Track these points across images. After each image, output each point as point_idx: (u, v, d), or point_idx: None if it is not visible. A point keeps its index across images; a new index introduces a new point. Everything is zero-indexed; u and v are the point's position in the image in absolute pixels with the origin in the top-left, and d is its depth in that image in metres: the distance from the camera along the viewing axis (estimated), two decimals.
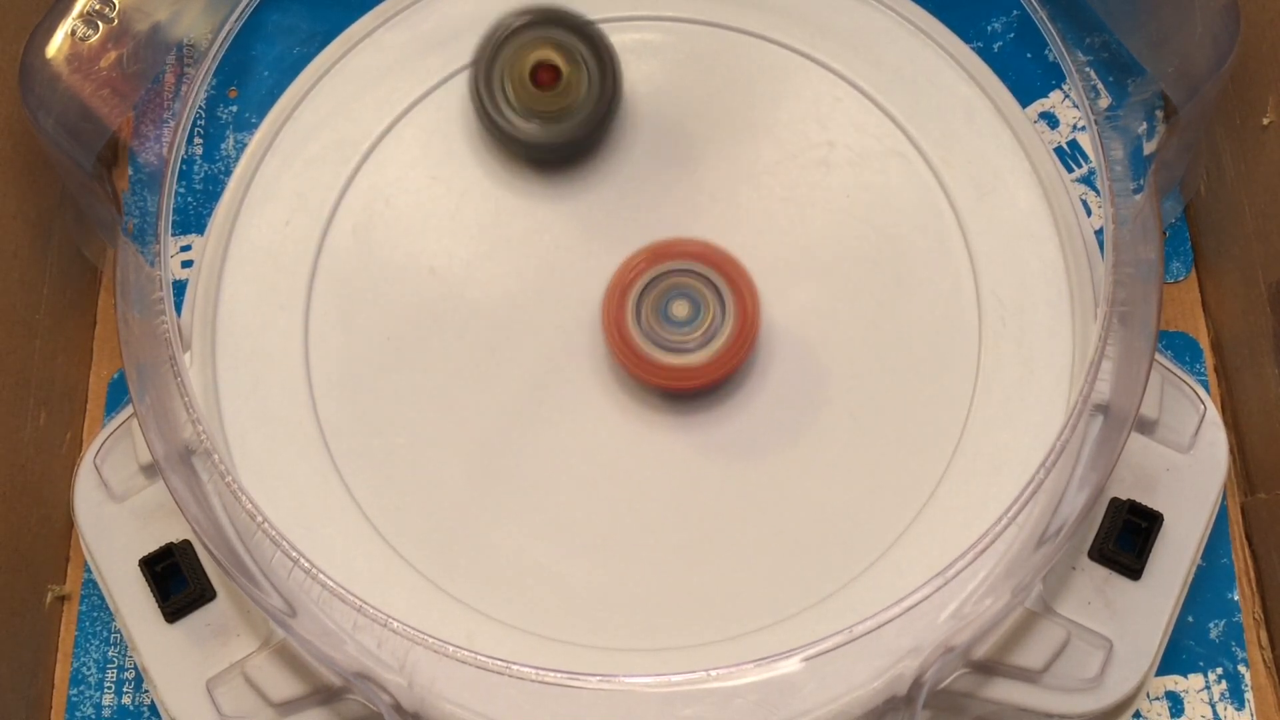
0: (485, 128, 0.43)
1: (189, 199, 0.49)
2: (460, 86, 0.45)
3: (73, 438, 0.47)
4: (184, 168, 0.49)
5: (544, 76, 0.41)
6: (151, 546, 0.40)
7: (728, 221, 0.43)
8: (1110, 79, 0.49)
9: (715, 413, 0.41)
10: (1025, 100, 0.47)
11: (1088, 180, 0.48)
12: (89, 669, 0.44)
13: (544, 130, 0.42)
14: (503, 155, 0.43)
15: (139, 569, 0.40)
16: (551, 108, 0.42)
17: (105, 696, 0.44)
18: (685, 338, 0.40)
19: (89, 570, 0.45)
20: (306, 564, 0.36)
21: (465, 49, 0.45)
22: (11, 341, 0.44)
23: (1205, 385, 0.46)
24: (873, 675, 0.37)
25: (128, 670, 0.44)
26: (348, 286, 0.43)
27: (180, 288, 0.45)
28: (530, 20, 0.42)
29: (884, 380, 0.41)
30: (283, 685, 0.38)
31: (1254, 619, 0.44)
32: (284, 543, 0.36)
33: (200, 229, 0.48)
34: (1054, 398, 0.41)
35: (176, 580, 0.40)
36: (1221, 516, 0.45)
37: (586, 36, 0.42)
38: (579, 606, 0.39)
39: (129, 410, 0.41)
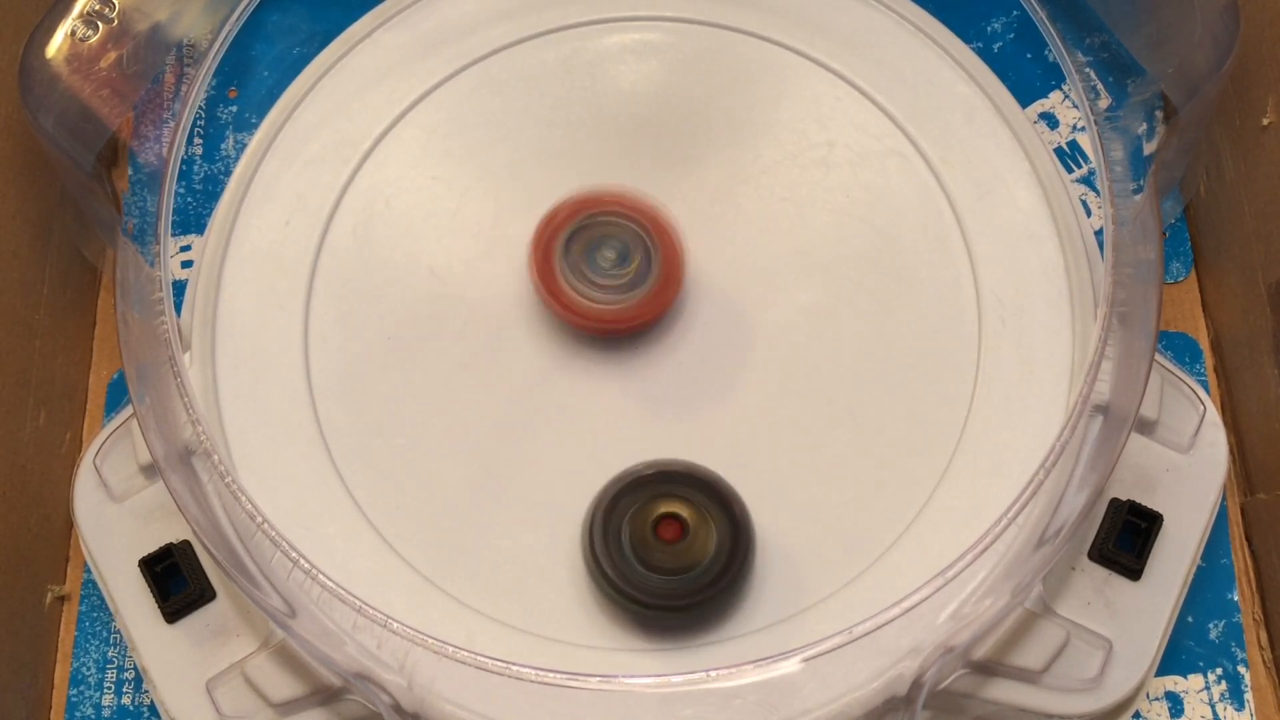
0: (596, 582, 0.39)
1: (189, 199, 0.49)
2: (460, 86, 0.45)
3: (73, 438, 0.47)
4: (184, 168, 0.49)
5: (668, 530, 0.38)
6: (151, 547, 0.40)
7: (728, 221, 0.43)
8: (1110, 79, 0.49)
9: (716, 412, 0.41)
10: (1025, 100, 0.47)
11: (1088, 180, 0.48)
12: (89, 669, 0.44)
13: (664, 585, 0.38)
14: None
15: (139, 569, 0.40)
16: (675, 564, 0.38)
17: (105, 696, 0.44)
18: (613, 282, 0.41)
19: (89, 570, 0.45)
20: (306, 564, 0.36)
21: (465, 49, 0.46)
22: (11, 341, 0.44)
23: (1205, 385, 0.46)
24: (873, 675, 0.37)
25: (128, 670, 0.44)
26: (348, 286, 0.43)
27: (180, 288, 0.45)
28: (644, 478, 0.39)
29: (884, 380, 0.41)
30: (283, 685, 0.38)
31: (1254, 619, 0.44)
32: (284, 543, 0.36)
33: (200, 229, 0.48)
34: (1054, 398, 0.41)
35: (176, 580, 0.40)
36: (1221, 517, 0.45)
37: (716, 495, 0.38)
38: (579, 606, 0.39)
39: (129, 410, 0.41)
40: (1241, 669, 0.43)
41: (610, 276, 0.41)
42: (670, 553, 0.38)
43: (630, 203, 0.41)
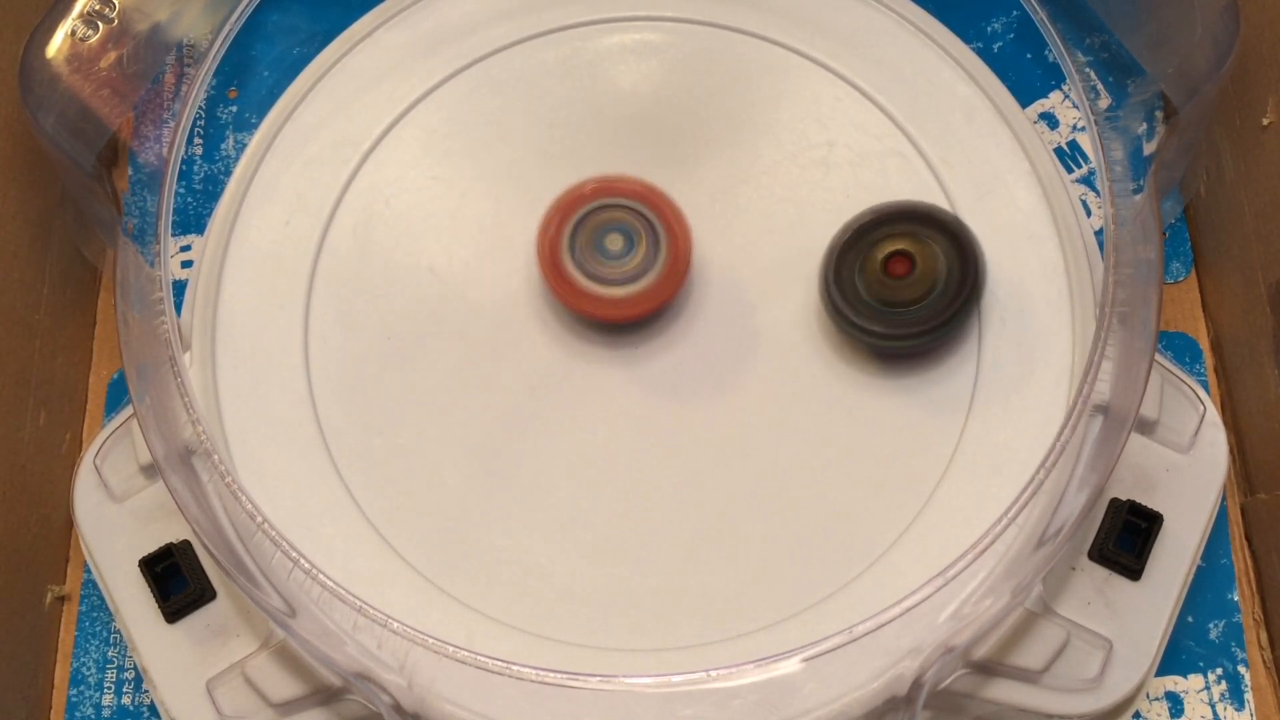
0: (835, 323, 0.41)
1: (189, 199, 0.49)
2: (460, 86, 0.45)
3: (73, 438, 0.47)
4: (184, 168, 0.49)
5: (897, 267, 0.40)
6: (151, 546, 0.40)
7: (727, 221, 0.43)
8: (1110, 79, 0.49)
9: (716, 413, 0.41)
10: (1025, 100, 0.47)
11: (1088, 180, 0.48)
12: (89, 669, 0.44)
13: (896, 323, 0.40)
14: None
15: (139, 569, 0.40)
16: (905, 298, 0.40)
17: (105, 696, 0.44)
18: (619, 270, 0.41)
19: (89, 570, 0.45)
20: (306, 564, 0.36)
21: (465, 49, 0.46)
22: (11, 341, 0.44)
23: (1205, 385, 0.46)
24: (873, 675, 0.37)
25: (128, 670, 0.44)
26: (348, 286, 0.43)
27: (180, 288, 0.45)
28: (890, 215, 0.40)
29: (884, 380, 0.41)
30: (283, 685, 0.38)
31: (1254, 619, 0.44)
32: (284, 543, 0.36)
33: (200, 229, 0.48)
34: (1054, 398, 0.41)
35: (176, 580, 0.40)
36: (1221, 517, 0.45)
37: (946, 229, 0.40)
38: (579, 606, 0.39)
39: (129, 410, 0.41)
40: (1241, 669, 0.43)
41: (617, 264, 0.41)
42: (906, 285, 0.40)
43: (637, 189, 0.41)
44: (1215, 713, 0.43)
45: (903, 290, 0.40)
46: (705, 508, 0.40)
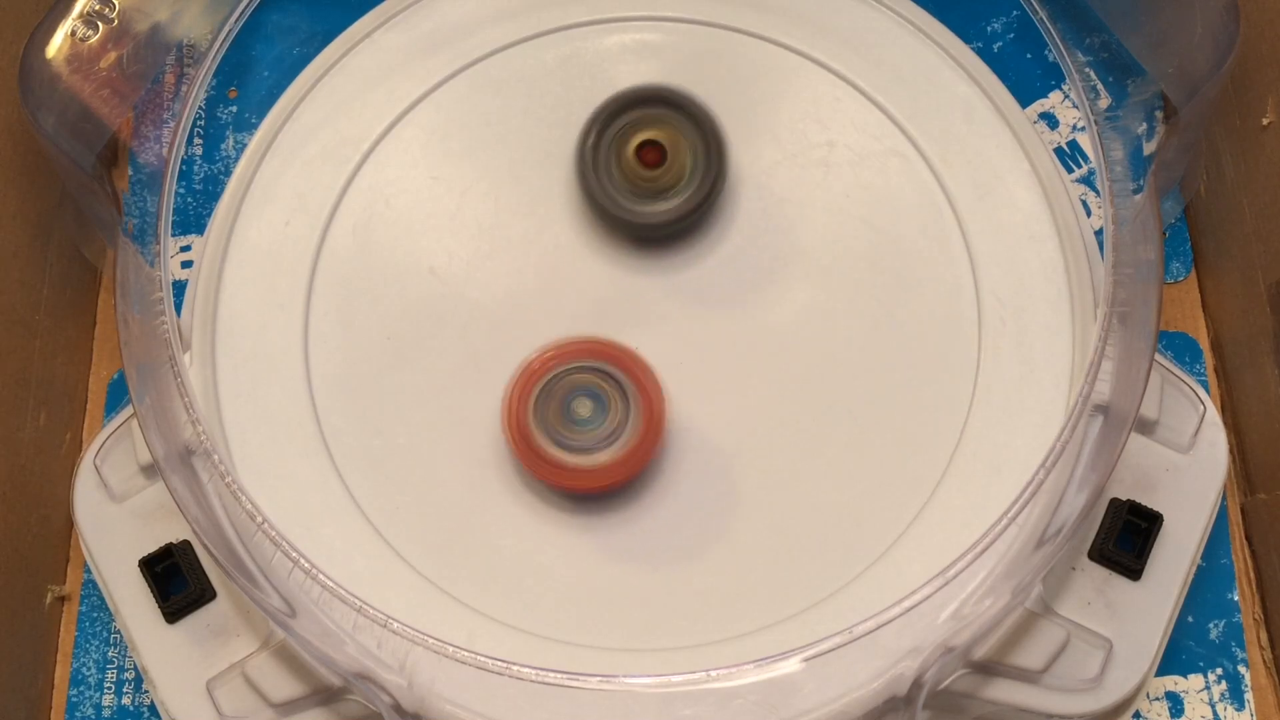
0: (591, 208, 0.43)
1: (189, 199, 0.49)
2: (460, 86, 0.45)
3: (73, 438, 0.47)
4: (184, 168, 0.49)
5: (650, 156, 0.41)
6: (151, 547, 0.40)
7: (727, 222, 0.43)
8: (1110, 79, 0.49)
9: (716, 412, 0.41)
10: (1025, 100, 0.47)
11: (1088, 180, 0.48)
12: (89, 669, 0.44)
13: (651, 209, 0.42)
14: (602, 226, 0.43)
15: (139, 569, 0.40)
16: (657, 186, 0.42)
17: (105, 697, 0.44)
18: (589, 435, 0.39)
19: (89, 570, 0.45)
20: (306, 564, 0.36)
21: (465, 49, 0.45)
22: (11, 341, 0.44)
23: (1205, 385, 0.46)
24: (873, 675, 0.37)
25: (128, 671, 0.44)
26: (347, 286, 0.43)
27: (180, 288, 0.45)
28: (633, 100, 0.42)
29: (884, 380, 0.41)
30: (283, 685, 0.38)
31: (1254, 619, 0.44)
32: (284, 543, 0.36)
33: (200, 229, 0.48)
34: (1054, 398, 0.41)
35: (176, 580, 0.40)
36: (1221, 517, 0.45)
37: (691, 115, 0.42)
38: (579, 606, 0.39)
39: (129, 410, 0.41)
40: (1241, 669, 0.43)
41: (586, 430, 0.39)
42: (653, 176, 0.41)
43: (602, 351, 0.40)
44: (1215, 713, 0.43)
45: (657, 178, 0.41)
46: (705, 507, 0.40)
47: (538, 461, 0.39)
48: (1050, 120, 0.49)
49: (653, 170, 0.41)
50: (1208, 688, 0.43)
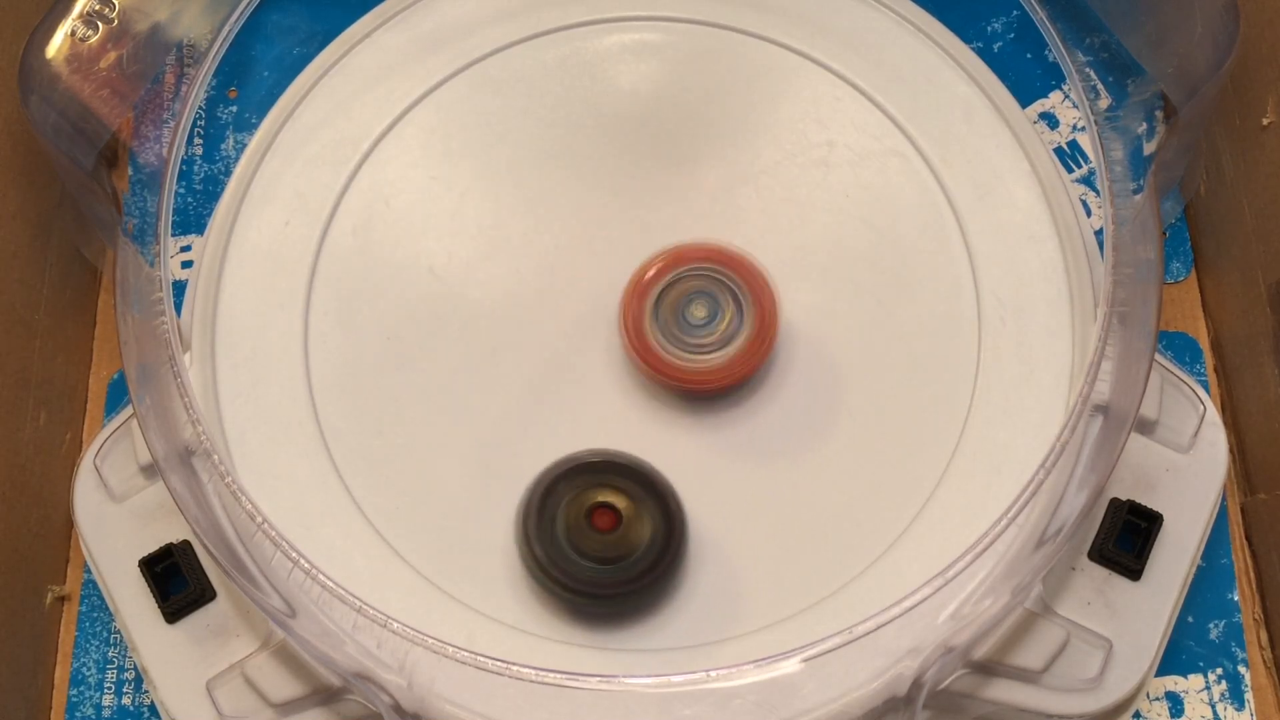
0: (530, 571, 0.39)
1: (189, 199, 0.49)
2: (460, 86, 0.45)
3: (73, 438, 0.47)
4: (184, 168, 0.49)
5: (602, 519, 0.38)
6: (151, 547, 0.40)
7: (728, 222, 0.43)
8: (1110, 79, 0.49)
9: (713, 414, 0.41)
10: (1025, 100, 0.47)
11: (1087, 180, 0.48)
12: (89, 669, 0.44)
13: (601, 574, 0.38)
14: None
15: (139, 569, 0.40)
16: (611, 553, 0.38)
17: (105, 697, 0.44)
18: (703, 340, 0.40)
19: (89, 570, 0.45)
20: (306, 564, 0.36)
21: (465, 49, 0.45)
22: (11, 341, 0.44)
23: (1205, 385, 0.46)
24: (873, 675, 0.37)
25: (128, 671, 0.44)
26: (347, 286, 0.43)
27: (180, 288, 0.45)
28: (584, 465, 0.39)
29: (884, 380, 0.41)
30: (283, 685, 0.38)
31: (1254, 619, 0.44)
32: (284, 543, 0.36)
33: (200, 229, 0.48)
34: (1054, 398, 0.41)
35: (176, 580, 0.40)
36: (1221, 516, 0.45)
37: (646, 482, 0.39)
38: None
39: (129, 410, 0.41)
40: (1241, 669, 0.43)
41: (702, 334, 0.40)
42: (604, 542, 0.38)
43: (721, 257, 0.41)
44: (1215, 713, 0.43)
45: (604, 545, 0.38)
46: (705, 507, 0.40)
47: (657, 362, 0.40)
48: (1050, 120, 0.49)
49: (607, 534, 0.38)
50: (1208, 688, 0.43)
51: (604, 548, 0.38)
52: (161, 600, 0.40)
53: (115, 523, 0.41)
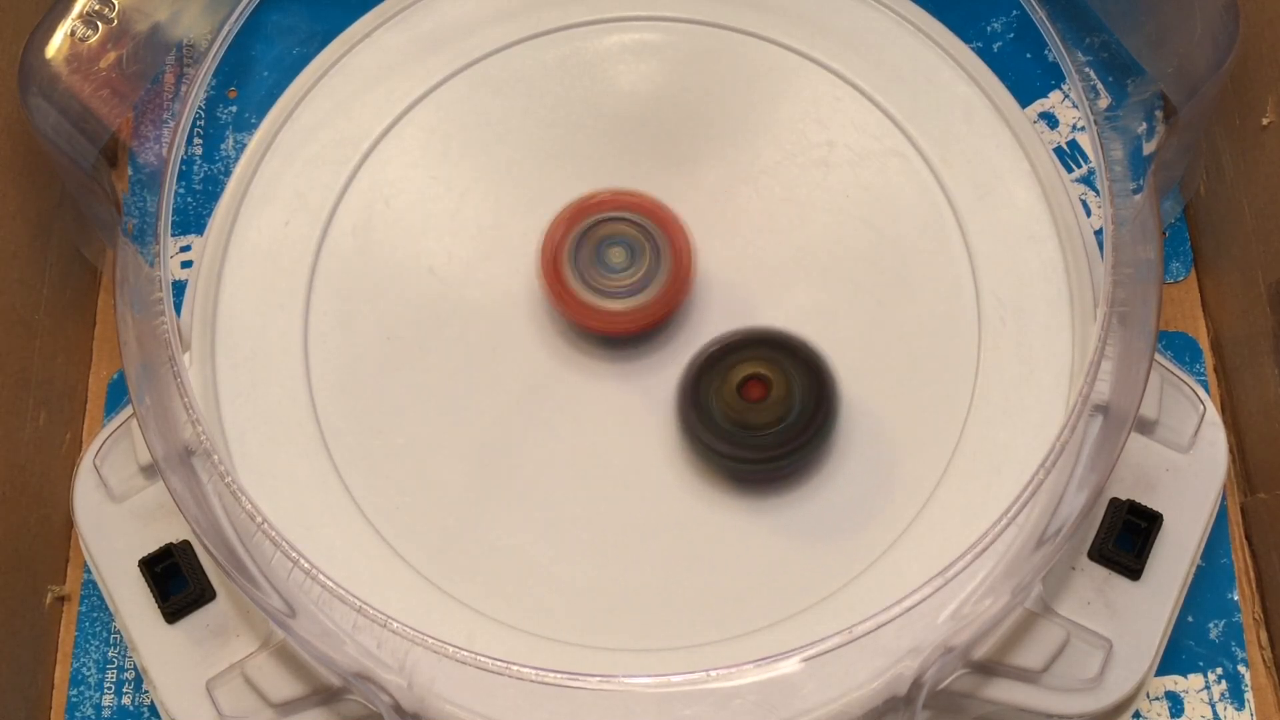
0: (692, 445, 0.40)
1: (189, 199, 0.49)
2: (460, 86, 0.45)
3: (73, 438, 0.47)
4: (184, 168, 0.49)
5: (753, 390, 0.39)
6: (151, 547, 0.40)
7: (728, 222, 0.43)
8: (1110, 79, 0.49)
9: None
10: (1025, 100, 0.47)
11: (1087, 180, 0.48)
12: (89, 669, 0.44)
13: (752, 446, 0.39)
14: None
15: (139, 569, 0.40)
16: (760, 421, 0.39)
17: (105, 697, 0.44)
18: (621, 283, 0.41)
19: (89, 570, 0.45)
20: (306, 564, 0.36)
21: (465, 49, 0.45)
22: (11, 341, 0.44)
23: (1205, 385, 0.46)
24: (873, 675, 0.37)
25: (128, 671, 0.44)
26: (347, 286, 0.43)
27: (180, 288, 0.45)
28: (742, 339, 0.40)
29: (883, 380, 0.41)
30: (283, 685, 0.38)
31: (1254, 619, 0.44)
32: (284, 543, 0.36)
33: (200, 229, 0.48)
34: (1054, 398, 0.41)
35: (176, 580, 0.40)
36: (1221, 516, 0.45)
37: (799, 356, 0.40)
38: (579, 606, 0.39)
39: (129, 410, 0.41)
40: (1241, 669, 0.43)
41: (620, 277, 0.41)
42: (757, 410, 0.39)
43: (639, 203, 0.41)
44: (1215, 712, 0.43)
45: (757, 413, 0.39)
46: (705, 506, 0.40)
47: (571, 302, 0.40)
48: (1050, 120, 0.49)
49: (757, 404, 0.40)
50: (1208, 687, 0.43)
51: (759, 415, 0.39)
52: (161, 600, 0.40)
53: (115, 523, 0.41)
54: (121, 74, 0.43)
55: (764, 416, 0.39)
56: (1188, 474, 0.41)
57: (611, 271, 0.41)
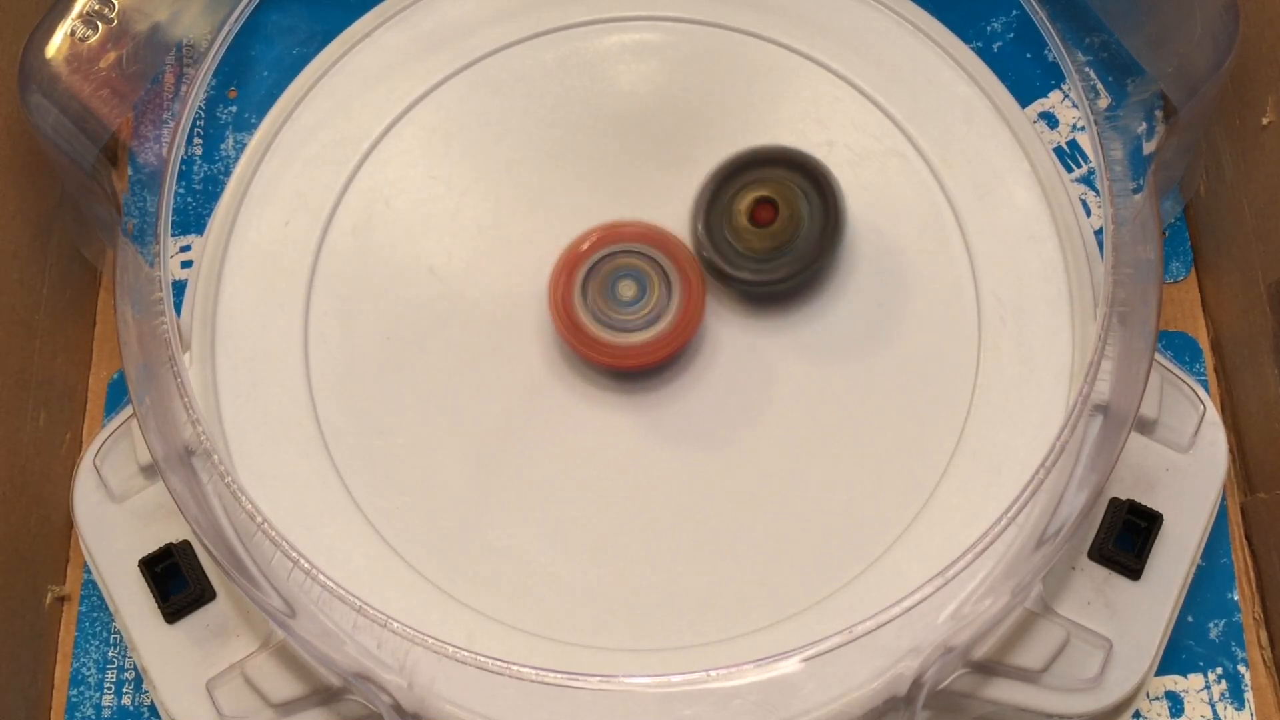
0: (706, 269, 0.41)
1: (189, 199, 0.49)
2: (460, 86, 0.45)
3: (73, 438, 0.47)
4: (184, 168, 0.49)
5: (762, 214, 0.40)
6: (151, 547, 0.40)
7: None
8: (1110, 79, 0.49)
9: (713, 414, 0.41)
10: (1025, 100, 0.47)
11: (1087, 180, 0.48)
12: (89, 669, 0.44)
13: (763, 270, 0.41)
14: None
15: (139, 569, 0.40)
16: (770, 245, 0.41)
17: (105, 697, 0.44)
18: (631, 317, 0.40)
19: (89, 570, 0.45)
20: (306, 564, 0.36)
21: (465, 49, 0.45)
22: (11, 341, 0.44)
23: (1205, 385, 0.46)
24: (873, 675, 0.37)
25: (128, 671, 0.44)
26: (347, 286, 0.43)
27: (180, 288, 0.45)
28: (750, 159, 0.41)
29: (884, 380, 0.41)
30: (283, 686, 0.38)
31: (1254, 619, 0.44)
32: (284, 543, 0.36)
33: (200, 229, 0.48)
34: (1054, 398, 0.41)
35: (176, 581, 0.40)
36: (1221, 516, 0.45)
37: (810, 174, 0.41)
38: (579, 606, 0.39)
39: (129, 410, 0.41)
40: (1241, 668, 0.43)
41: (629, 312, 0.41)
42: (771, 232, 0.40)
43: (651, 236, 0.41)
44: (1215, 712, 0.43)
45: (769, 237, 0.40)
46: (705, 507, 0.40)
47: (583, 339, 0.40)
48: (1050, 120, 0.49)
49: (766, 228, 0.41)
50: (1208, 687, 0.43)
51: (768, 239, 0.40)
52: (161, 600, 0.40)
53: (115, 523, 0.41)
54: (121, 74, 0.43)
55: (776, 239, 0.40)
56: (1188, 474, 0.41)
57: (623, 307, 0.41)
